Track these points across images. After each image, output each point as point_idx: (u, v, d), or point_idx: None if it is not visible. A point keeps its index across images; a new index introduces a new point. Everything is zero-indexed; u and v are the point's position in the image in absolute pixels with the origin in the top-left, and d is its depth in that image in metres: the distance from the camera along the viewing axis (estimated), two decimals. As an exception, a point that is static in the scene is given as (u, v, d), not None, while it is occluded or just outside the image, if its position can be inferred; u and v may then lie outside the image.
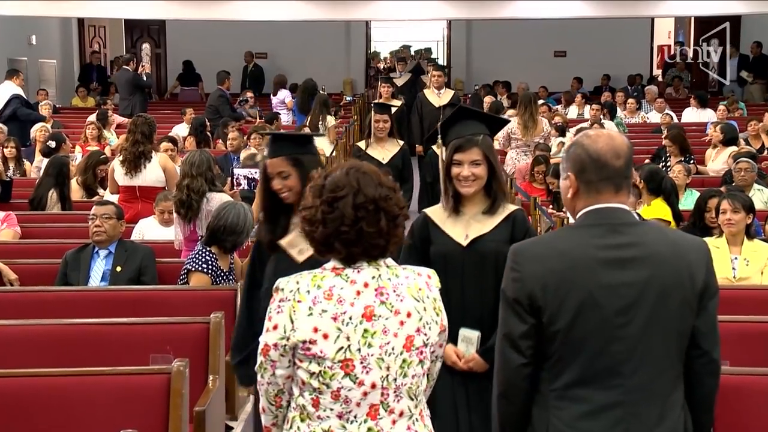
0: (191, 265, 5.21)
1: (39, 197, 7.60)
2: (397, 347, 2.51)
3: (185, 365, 3.79)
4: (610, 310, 2.44)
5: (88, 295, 5.14)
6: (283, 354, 2.51)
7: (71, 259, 5.55)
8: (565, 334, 2.46)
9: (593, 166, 2.52)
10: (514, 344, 2.50)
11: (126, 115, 13.29)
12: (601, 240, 2.48)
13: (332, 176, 2.55)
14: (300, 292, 2.50)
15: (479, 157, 3.60)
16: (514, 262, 2.53)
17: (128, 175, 7.16)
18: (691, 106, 14.47)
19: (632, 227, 2.52)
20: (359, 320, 2.48)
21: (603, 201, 2.52)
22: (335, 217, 2.50)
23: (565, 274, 2.46)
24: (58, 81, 18.39)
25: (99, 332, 4.44)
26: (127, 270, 5.49)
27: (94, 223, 5.55)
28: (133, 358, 4.15)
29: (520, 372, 2.50)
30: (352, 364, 2.48)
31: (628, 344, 2.45)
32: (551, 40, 19.69)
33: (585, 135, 2.58)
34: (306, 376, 2.50)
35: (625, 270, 2.45)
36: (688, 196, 7.64)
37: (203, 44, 19.02)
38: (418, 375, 2.56)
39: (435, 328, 2.58)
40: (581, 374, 2.47)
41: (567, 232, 2.59)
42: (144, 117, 7.48)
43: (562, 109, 14.91)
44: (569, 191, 2.57)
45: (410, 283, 2.56)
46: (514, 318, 2.50)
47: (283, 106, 14.53)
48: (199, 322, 4.45)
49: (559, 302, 2.45)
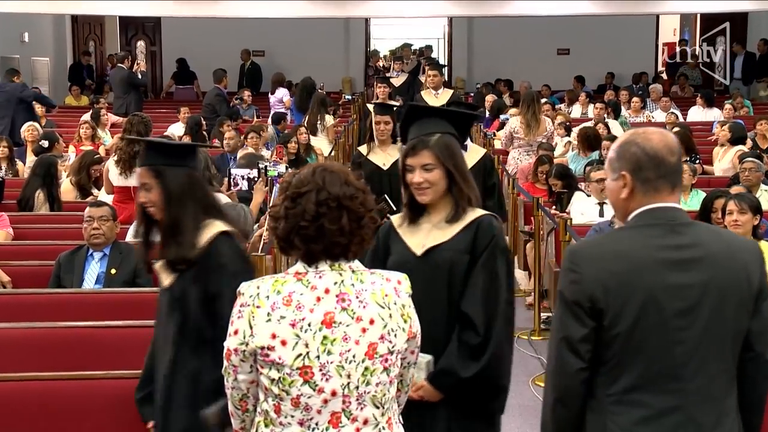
0: None
1: (26, 198, 7.58)
2: (358, 355, 2.50)
3: (181, 369, 3.77)
4: (671, 312, 2.44)
5: (83, 297, 5.13)
6: (243, 359, 2.53)
7: (65, 262, 5.55)
8: (625, 338, 2.44)
9: (650, 164, 2.51)
10: (573, 348, 2.47)
11: (121, 114, 13.29)
12: (660, 240, 2.48)
13: (299, 174, 2.59)
14: (260, 297, 2.50)
15: (431, 161, 3.34)
16: (573, 263, 2.51)
17: (123, 175, 7.16)
18: (697, 105, 14.48)
19: (688, 227, 2.53)
20: (318, 327, 2.48)
21: (660, 200, 2.52)
22: (296, 212, 2.51)
23: (626, 275, 2.45)
24: (51, 79, 18.40)
25: (93, 335, 4.44)
26: (122, 272, 5.49)
27: (91, 225, 5.53)
28: (129, 362, 4.14)
29: (578, 376, 2.49)
30: (311, 371, 2.48)
31: (687, 347, 2.44)
32: (554, 38, 19.70)
33: (637, 133, 2.57)
34: (267, 382, 2.51)
35: (686, 271, 2.45)
36: (693, 196, 7.63)
37: (199, 42, 19.03)
38: (384, 383, 2.55)
39: (402, 335, 2.57)
40: (640, 378, 2.46)
41: (625, 232, 2.55)
42: (140, 116, 7.49)
43: (565, 108, 14.91)
44: (623, 191, 2.55)
45: (375, 288, 2.55)
46: (572, 321, 2.48)
47: (281, 105, 14.52)
48: (196, 325, 4.44)
49: (621, 304, 2.44)
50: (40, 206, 7.56)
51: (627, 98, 14.95)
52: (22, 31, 17.16)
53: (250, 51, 18.95)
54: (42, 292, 5.21)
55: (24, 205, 7.56)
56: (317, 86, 13.62)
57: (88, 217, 5.58)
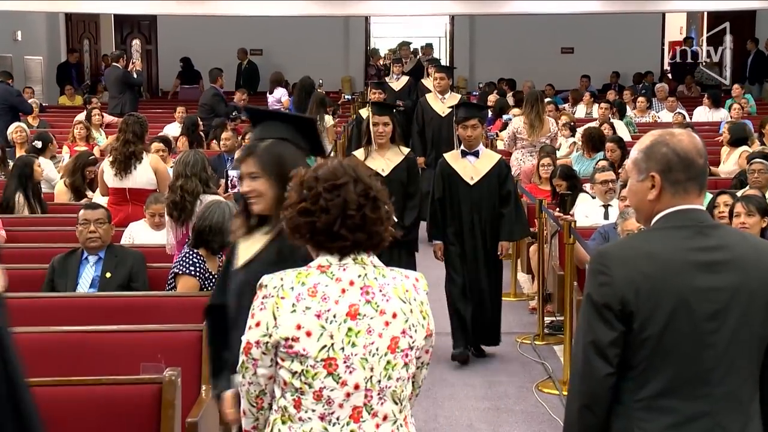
0: (178, 268, 5.21)
1: (7, 200, 7.58)
2: (381, 348, 2.54)
3: (177, 375, 3.79)
4: (702, 315, 2.44)
5: (77, 301, 5.13)
6: (265, 352, 2.55)
7: (59, 265, 5.54)
8: (656, 341, 2.44)
9: (681, 165, 2.52)
10: (602, 353, 2.46)
11: (116, 114, 13.29)
12: (690, 242, 2.49)
13: (325, 167, 2.62)
14: (284, 288, 2.53)
15: (255, 170, 3.15)
16: (602, 265, 2.50)
17: (118, 176, 7.16)
18: (704, 106, 14.48)
19: (716, 229, 2.54)
20: (343, 318, 2.51)
21: (689, 202, 2.53)
22: (338, 203, 2.54)
23: (657, 277, 2.45)
24: (45, 79, 18.41)
25: (87, 340, 4.44)
26: (117, 276, 5.49)
27: (87, 228, 5.52)
28: (123, 368, 4.14)
29: (606, 382, 2.48)
30: (335, 363, 2.50)
31: (717, 351, 2.45)
32: (558, 36, 19.71)
33: (668, 133, 2.58)
34: (288, 376, 2.53)
35: (717, 273, 2.46)
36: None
37: (196, 40, 19.05)
38: (403, 378, 2.58)
39: (421, 331, 2.61)
40: (669, 383, 2.45)
41: (654, 234, 2.55)
42: (135, 116, 7.49)
43: (569, 108, 14.92)
44: (651, 192, 2.55)
45: (397, 283, 2.59)
46: (601, 324, 2.46)
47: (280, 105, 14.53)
48: (192, 330, 4.45)
49: (652, 307, 2.44)
50: (20, 209, 7.54)
51: (632, 98, 14.95)
52: (14, 29, 17.17)
53: (247, 50, 18.97)
54: (35, 296, 5.20)
55: (5, 207, 7.55)
56: (316, 86, 13.62)
57: (84, 220, 5.56)
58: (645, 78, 18.49)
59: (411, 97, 12.59)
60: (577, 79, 18.07)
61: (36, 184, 7.77)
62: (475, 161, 6.65)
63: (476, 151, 6.67)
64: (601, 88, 18.19)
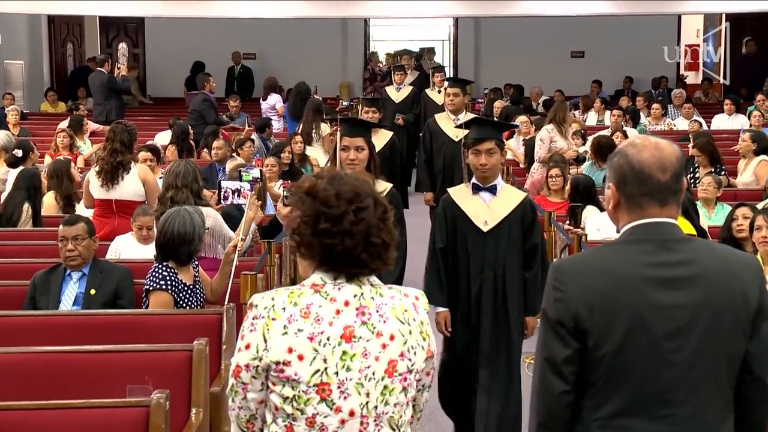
0: (149, 284, 5.19)
1: (10, 213, 7.58)
2: (378, 372, 2.53)
3: (165, 397, 3.78)
4: (661, 333, 2.46)
5: (59, 320, 5.13)
6: (255, 376, 2.54)
7: (40, 282, 5.53)
8: (612, 359, 2.47)
9: (635, 179, 2.54)
10: (557, 369, 2.50)
11: (101, 121, 13.33)
12: (649, 257, 2.51)
13: (340, 182, 2.57)
14: (275, 309, 2.53)
15: None
16: (556, 281, 2.54)
17: (104, 187, 7.17)
18: (724, 112, 14.46)
19: (682, 243, 2.55)
20: (338, 341, 2.51)
21: (648, 216, 2.54)
22: (363, 227, 2.54)
23: (611, 293, 2.48)
24: (26, 84, 18.44)
25: (70, 361, 4.44)
26: (102, 293, 5.48)
27: (66, 246, 5.49)
28: (109, 390, 4.14)
29: (562, 400, 2.51)
30: (328, 388, 2.50)
31: (678, 370, 2.46)
32: (568, 40, 19.76)
33: (631, 143, 2.60)
34: (279, 401, 2.52)
35: (677, 290, 2.48)
36: (718, 210, 7.64)
37: (186, 44, 19.09)
38: (401, 403, 2.58)
39: (421, 353, 2.60)
40: (628, 403, 2.48)
41: (612, 248, 2.60)
42: (124, 124, 7.47)
43: (579, 115, 14.93)
44: (610, 203, 2.61)
45: (395, 303, 2.59)
46: (556, 341, 2.50)
47: (274, 112, 14.57)
48: (181, 350, 4.45)
49: (606, 325, 2.47)
50: (26, 221, 7.56)
51: (646, 104, 14.96)
52: (-6, 32, 17.22)
53: (240, 54, 19.00)
54: (16, 314, 5.20)
55: (7, 220, 7.56)
56: (312, 92, 13.65)
57: (62, 237, 5.52)
58: (660, 84, 18.51)
59: (414, 110, 12.36)
60: (587, 84, 18.10)
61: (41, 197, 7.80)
62: (491, 200, 5.24)
63: (493, 186, 5.24)
64: (613, 94, 18.21)
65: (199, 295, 5.31)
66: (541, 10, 16.55)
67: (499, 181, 5.30)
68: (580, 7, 16.43)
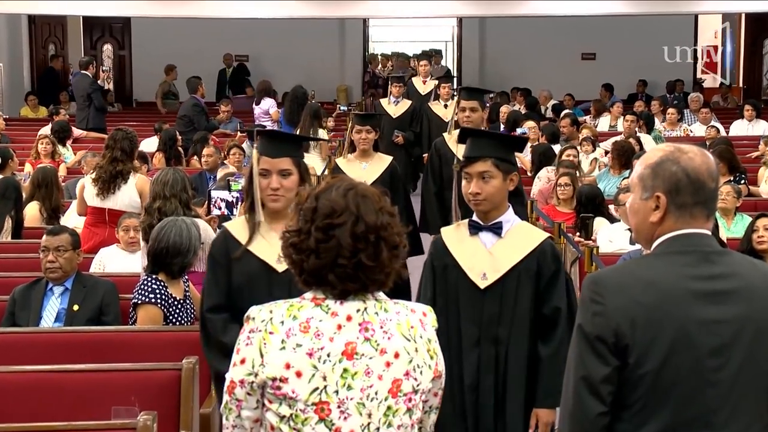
0: (137, 297, 5.20)
1: None
2: (381, 391, 2.52)
3: (153, 419, 3.78)
4: (704, 350, 2.45)
5: (40, 337, 5.14)
6: (250, 393, 2.54)
7: (20, 297, 5.54)
8: (653, 378, 2.45)
9: (690, 188, 2.53)
10: (594, 390, 2.47)
11: (82, 127, 13.33)
12: (693, 270, 2.50)
13: (326, 197, 2.55)
14: (273, 322, 2.52)
15: None
16: (595, 293, 2.51)
17: (100, 195, 7.16)
18: (744, 118, 14.47)
19: (722, 256, 2.55)
20: (338, 358, 2.50)
21: (694, 227, 2.54)
22: (330, 247, 2.51)
23: (655, 307, 2.46)
24: (5, 88, 18.45)
25: (52, 381, 4.44)
26: (85, 309, 5.49)
27: (47, 257, 5.51)
28: (93, 412, 4.15)
29: (598, 422, 2.49)
30: (328, 408, 2.49)
31: (721, 390, 2.45)
32: (578, 41, 19.79)
33: (678, 150, 2.58)
34: (275, 420, 2.52)
35: (721, 305, 2.47)
36: (738, 221, 7.65)
37: (174, 46, 19.11)
38: (406, 425, 2.56)
39: (428, 372, 2.59)
40: (668, 425, 2.46)
41: (653, 259, 2.57)
42: (124, 131, 7.43)
43: (590, 121, 14.94)
44: (654, 214, 2.56)
45: (401, 319, 2.57)
46: (594, 358, 2.47)
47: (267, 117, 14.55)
48: (169, 369, 4.46)
49: (650, 340, 2.45)
50: (8, 233, 7.56)
51: (661, 109, 14.98)
52: (-29, 33, 17.24)
53: (232, 56, 19.03)
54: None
55: None
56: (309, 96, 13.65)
57: (43, 247, 5.55)
58: (675, 87, 18.53)
59: (413, 126, 12.02)
60: (599, 88, 18.11)
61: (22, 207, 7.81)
62: (495, 243, 4.16)
63: (497, 224, 4.15)
64: (626, 98, 18.21)
65: (189, 310, 5.31)
66: (551, 10, 16.58)
67: (507, 218, 4.16)
68: (592, 7, 16.45)
